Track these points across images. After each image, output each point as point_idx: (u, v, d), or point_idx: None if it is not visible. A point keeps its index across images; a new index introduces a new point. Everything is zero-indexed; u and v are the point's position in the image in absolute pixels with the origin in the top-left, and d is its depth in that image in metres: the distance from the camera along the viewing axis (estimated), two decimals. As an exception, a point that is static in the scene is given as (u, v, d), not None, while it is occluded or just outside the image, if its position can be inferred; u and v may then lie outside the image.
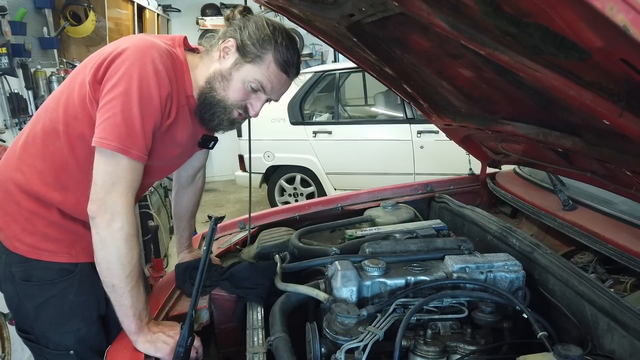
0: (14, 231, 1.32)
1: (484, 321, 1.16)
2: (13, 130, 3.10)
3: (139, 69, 1.16)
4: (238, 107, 1.33)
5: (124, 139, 1.15)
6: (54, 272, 1.33)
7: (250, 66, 1.28)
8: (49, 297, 1.33)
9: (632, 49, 0.58)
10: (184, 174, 1.68)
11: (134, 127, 1.16)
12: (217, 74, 1.30)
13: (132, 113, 1.15)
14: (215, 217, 1.17)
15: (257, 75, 1.28)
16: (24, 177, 1.31)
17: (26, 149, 1.33)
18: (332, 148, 5.10)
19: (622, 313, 1.03)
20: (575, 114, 1.07)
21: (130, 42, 1.21)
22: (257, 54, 1.27)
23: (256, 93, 1.32)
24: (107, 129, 1.15)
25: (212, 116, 1.33)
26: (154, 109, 1.19)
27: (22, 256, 1.32)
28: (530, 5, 0.68)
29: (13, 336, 2.26)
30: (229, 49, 1.29)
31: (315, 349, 1.09)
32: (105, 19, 4.31)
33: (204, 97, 1.31)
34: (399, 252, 1.40)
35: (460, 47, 1.07)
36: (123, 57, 1.18)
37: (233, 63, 1.29)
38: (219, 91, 1.30)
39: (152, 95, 1.18)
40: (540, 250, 1.36)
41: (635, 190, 1.21)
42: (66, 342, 1.36)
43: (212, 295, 1.47)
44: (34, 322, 1.35)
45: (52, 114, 1.30)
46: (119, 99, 1.15)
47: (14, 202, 1.32)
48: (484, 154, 2.04)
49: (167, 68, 1.21)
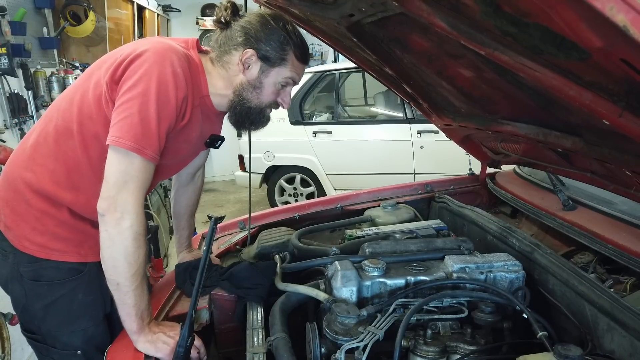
0: (23, 230, 1.32)
1: (484, 321, 1.16)
2: (13, 131, 3.10)
3: (158, 71, 1.19)
4: (271, 106, 1.42)
5: (140, 139, 1.16)
6: (63, 272, 1.34)
7: (277, 69, 1.35)
8: (58, 297, 1.34)
9: (632, 49, 0.58)
10: (185, 172, 1.69)
11: (150, 128, 1.17)
12: (246, 85, 1.35)
13: (149, 114, 1.17)
14: (215, 217, 1.17)
15: (286, 74, 1.35)
16: (34, 177, 1.31)
17: (37, 148, 1.33)
18: (332, 148, 5.10)
19: (622, 313, 1.03)
20: (575, 114, 1.07)
21: (149, 44, 1.23)
22: (280, 57, 1.33)
23: (285, 88, 1.39)
24: (123, 128, 1.16)
25: (252, 123, 1.43)
26: (170, 110, 1.22)
27: (31, 256, 1.32)
28: (530, 6, 0.68)
29: (13, 336, 2.26)
30: (249, 59, 1.32)
31: (315, 349, 1.09)
32: (105, 19, 4.31)
33: (237, 109, 1.39)
34: (399, 252, 1.40)
35: (460, 47, 1.07)
36: (143, 59, 1.19)
37: (259, 72, 1.34)
38: (252, 100, 1.37)
39: (170, 97, 1.20)
40: (540, 250, 1.36)
41: (635, 190, 1.21)
42: (74, 341, 1.36)
43: (212, 295, 1.46)
44: (42, 322, 1.35)
45: (65, 114, 1.30)
46: (137, 99, 1.16)
47: (23, 202, 1.32)
48: (484, 154, 2.04)
49: (184, 70, 1.24)
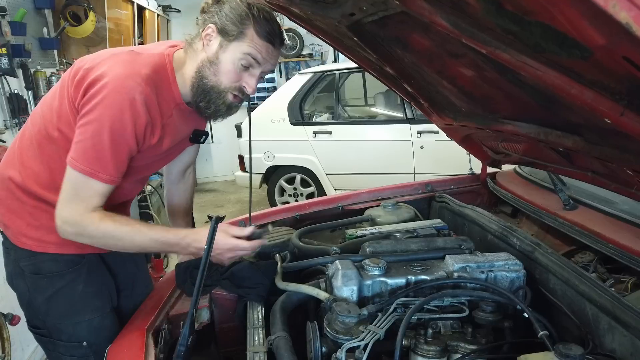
0: (19, 227, 1.36)
1: (484, 320, 1.16)
2: (13, 131, 3.10)
3: (114, 100, 1.19)
4: (232, 90, 1.33)
5: (93, 163, 1.20)
6: (61, 264, 1.36)
7: (235, 44, 1.28)
8: (59, 289, 1.36)
9: (634, 46, 0.57)
10: (174, 170, 1.69)
11: (103, 154, 1.21)
12: (205, 62, 1.31)
13: (102, 140, 1.20)
14: (216, 217, 1.17)
15: (244, 49, 1.28)
16: (20, 177, 1.34)
17: (24, 150, 1.36)
18: (332, 148, 5.09)
19: (623, 312, 1.03)
20: (576, 113, 1.07)
21: (110, 67, 1.22)
22: (239, 31, 1.27)
23: (248, 70, 1.31)
24: (78, 150, 1.21)
25: (208, 104, 1.34)
26: (126, 138, 1.23)
27: (29, 250, 1.35)
28: (532, 3, 0.68)
29: (13, 336, 2.25)
30: (210, 35, 1.30)
31: (316, 348, 1.09)
32: (105, 20, 4.30)
33: (196, 87, 1.32)
34: (400, 252, 1.40)
35: (461, 46, 1.07)
36: (101, 85, 1.20)
37: (218, 46, 1.29)
38: (210, 77, 1.30)
39: (125, 126, 1.21)
40: (541, 249, 1.36)
41: (637, 189, 1.21)
42: (79, 333, 1.38)
43: (212, 294, 1.47)
44: (45, 315, 1.38)
45: (45, 120, 1.33)
46: (91, 125, 1.19)
47: (16, 199, 1.35)
48: (485, 154, 2.04)
49: (146, 97, 1.23)
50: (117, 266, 1.52)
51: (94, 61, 1.26)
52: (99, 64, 1.24)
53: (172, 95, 1.33)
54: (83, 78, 1.23)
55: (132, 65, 1.24)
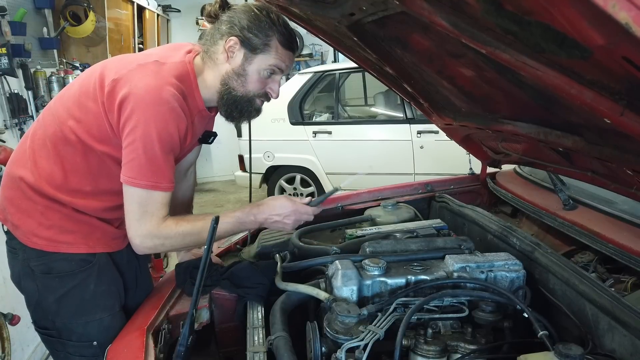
0: (30, 227, 1.35)
1: (484, 320, 1.16)
2: (13, 131, 3.10)
3: (155, 111, 1.22)
4: (259, 96, 1.40)
5: (150, 176, 1.25)
6: (73, 264, 1.36)
7: (260, 56, 1.33)
8: (70, 288, 1.36)
9: (634, 46, 0.57)
10: (178, 169, 1.69)
11: (158, 165, 1.25)
12: (231, 74, 1.35)
13: (155, 153, 1.24)
14: (216, 216, 1.17)
15: (270, 61, 1.34)
16: (32, 177, 1.34)
17: (36, 150, 1.36)
18: (332, 148, 5.09)
19: (623, 312, 1.03)
20: (576, 113, 1.07)
21: (140, 79, 1.24)
22: (263, 43, 1.32)
23: (271, 77, 1.38)
24: (134, 169, 1.25)
25: (240, 113, 1.42)
26: (174, 144, 1.29)
27: (40, 250, 1.35)
28: (532, 3, 0.68)
29: (13, 336, 2.25)
30: (233, 47, 1.33)
31: (316, 348, 1.09)
32: (105, 19, 4.30)
33: (225, 99, 1.38)
34: (400, 252, 1.40)
35: (461, 46, 1.07)
36: (137, 99, 1.22)
37: (243, 59, 1.33)
38: (238, 88, 1.36)
39: (172, 134, 1.26)
40: (540, 249, 1.36)
41: (636, 189, 1.21)
42: (89, 332, 1.38)
43: (212, 294, 1.46)
44: (55, 315, 1.38)
45: (62, 122, 1.33)
46: (139, 142, 1.23)
47: (26, 199, 1.35)
48: (484, 154, 2.04)
49: (179, 102, 1.27)
50: (123, 265, 1.52)
51: (120, 72, 1.27)
52: (126, 75, 1.25)
53: (195, 102, 1.37)
54: (113, 91, 1.24)
55: (161, 75, 1.27)
